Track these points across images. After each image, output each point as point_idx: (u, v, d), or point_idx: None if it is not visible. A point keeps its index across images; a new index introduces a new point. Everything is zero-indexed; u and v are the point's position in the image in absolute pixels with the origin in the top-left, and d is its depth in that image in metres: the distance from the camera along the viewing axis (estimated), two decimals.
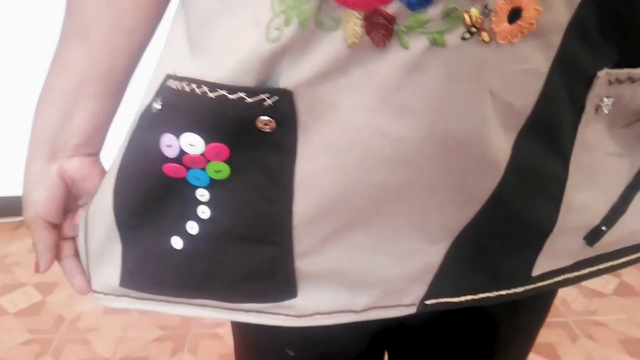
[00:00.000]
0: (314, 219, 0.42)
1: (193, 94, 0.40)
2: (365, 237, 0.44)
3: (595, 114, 0.42)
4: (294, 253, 0.44)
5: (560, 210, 0.46)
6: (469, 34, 0.34)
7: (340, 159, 0.39)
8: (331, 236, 0.43)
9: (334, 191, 0.40)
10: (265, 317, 0.48)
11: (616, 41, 0.39)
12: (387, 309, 0.49)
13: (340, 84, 0.37)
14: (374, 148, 0.38)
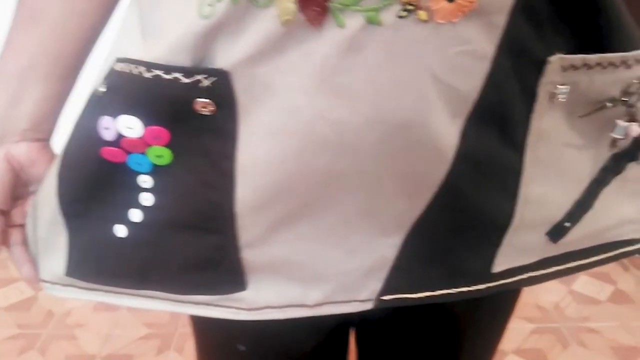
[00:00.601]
0: (258, 207, 0.41)
1: (131, 75, 0.39)
2: (314, 228, 0.42)
3: (551, 103, 0.40)
4: (239, 242, 0.42)
5: (517, 204, 0.44)
6: (405, 12, 0.33)
7: (281, 143, 0.38)
8: (277, 226, 0.42)
9: (276, 177, 0.39)
10: (214, 310, 0.47)
11: (569, 25, 0.38)
12: (342, 305, 0.47)
13: (278, 64, 0.35)
14: (315, 132, 0.37)
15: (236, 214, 0.41)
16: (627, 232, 0.53)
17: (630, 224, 0.53)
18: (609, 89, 0.41)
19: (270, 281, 0.45)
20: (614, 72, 0.40)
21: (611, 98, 0.41)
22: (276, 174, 0.39)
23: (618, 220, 0.51)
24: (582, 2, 0.37)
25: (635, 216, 0.52)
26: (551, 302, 1.65)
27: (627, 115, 0.43)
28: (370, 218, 0.42)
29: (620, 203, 0.50)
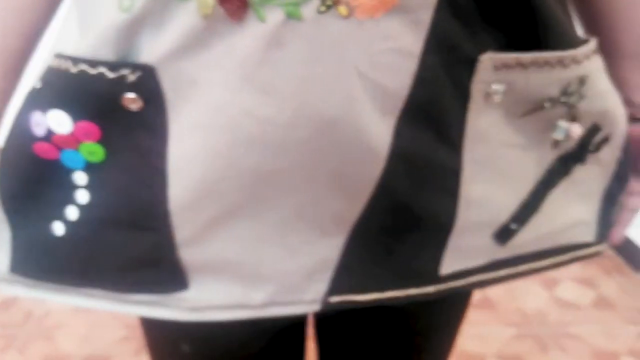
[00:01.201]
0: (191, 205, 0.40)
1: (60, 70, 0.38)
2: (251, 227, 0.42)
3: (486, 102, 0.40)
4: (176, 241, 0.42)
5: (459, 204, 0.43)
6: (325, 6, 0.32)
7: (209, 140, 0.37)
8: (213, 224, 0.41)
9: (207, 175, 0.38)
10: (156, 309, 0.46)
11: (500, 23, 0.37)
12: (288, 306, 0.46)
13: (202, 59, 0.35)
14: (242, 129, 0.36)
15: (170, 212, 0.40)
16: (580, 234, 0.53)
17: (582, 226, 0.52)
18: (546, 88, 0.40)
19: (213, 281, 0.44)
20: (550, 72, 0.40)
21: (550, 98, 0.41)
22: (206, 172, 0.38)
23: (569, 223, 0.51)
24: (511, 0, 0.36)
25: (587, 219, 0.52)
26: (533, 307, 1.64)
27: (568, 116, 0.42)
28: (309, 218, 0.42)
29: (570, 205, 0.50)
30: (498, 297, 1.67)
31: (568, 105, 0.42)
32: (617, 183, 0.51)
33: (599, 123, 0.45)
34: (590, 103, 0.43)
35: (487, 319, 1.60)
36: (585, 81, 0.41)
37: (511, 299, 1.67)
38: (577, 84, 0.41)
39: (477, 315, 1.61)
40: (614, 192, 0.52)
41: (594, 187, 0.50)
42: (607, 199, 0.52)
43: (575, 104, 0.42)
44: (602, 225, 0.53)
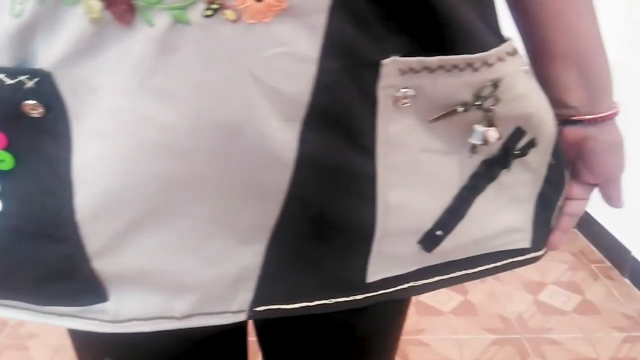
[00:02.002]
0: (98, 215, 0.39)
1: None
2: (165, 236, 0.41)
3: (396, 107, 0.39)
4: (87, 252, 0.41)
5: (378, 211, 0.43)
6: (211, 10, 0.32)
7: (111, 147, 0.37)
8: (125, 234, 0.40)
9: (112, 184, 0.38)
10: (79, 321, 0.45)
11: (403, 27, 0.37)
12: (213, 316, 0.46)
13: (97, 64, 0.35)
14: (143, 136, 0.36)
15: (78, 223, 0.40)
16: (514, 240, 0.52)
17: (516, 232, 0.51)
18: (458, 92, 0.40)
19: (133, 292, 0.44)
20: (460, 76, 0.39)
21: (462, 102, 0.40)
22: (110, 180, 0.38)
23: (501, 229, 0.50)
24: (412, 4, 0.36)
25: (520, 225, 0.51)
26: (515, 312, 1.63)
27: (485, 120, 0.42)
28: (224, 225, 0.41)
29: (500, 211, 0.49)
30: (480, 303, 1.67)
31: (483, 109, 0.41)
32: (551, 188, 0.51)
33: (522, 127, 0.45)
34: (508, 107, 0.42)
35: (467, 324, 1.59)
36: (499, 84, 0.40)
37: (493, 304, 1.66)
38: (490, 87, 0.40)
39: (457, 321, 1.60)
40: (549, 197, 0.51)
41: (526, 192, 0.50)
42: (542, 205, 0.51)
43: (492, 108, 0.41)
44: (539, 231, 0.53)
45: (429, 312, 1.64)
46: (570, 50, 0.47)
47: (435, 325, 1.59)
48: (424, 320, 1.61)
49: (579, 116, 0.49)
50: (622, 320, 1.62)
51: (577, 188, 0.53)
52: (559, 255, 1.95)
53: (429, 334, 1.55)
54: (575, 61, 0.47)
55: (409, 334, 1.54)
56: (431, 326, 1.58)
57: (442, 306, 1.66)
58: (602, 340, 1.53)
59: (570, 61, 0.47)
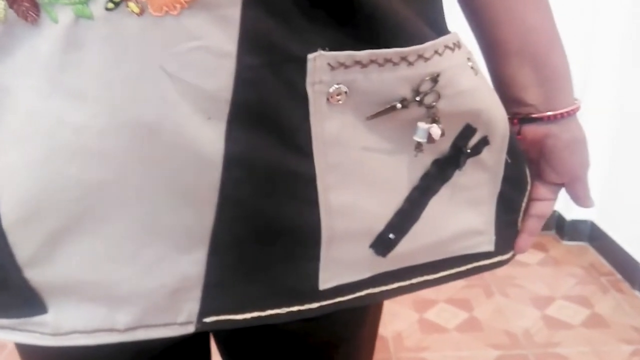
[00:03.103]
0: (24, 221, 0.38)
1: None
2: (94, 243, 0.40)
3: (330, 105, 0.38)
4: (17, 261, 0.40)
5: (321, 213, 0.41)
6: (113, 4, 0.31)
7: (28, 149, 0.36)
8: (53, 242, 0.39)
9: (34, 188, 0.37)
10: (18, 334, 0.44)
11: (325, 19, 0.35)
12: (158, 328, 0.44)
13: (8, 65, 0.34)
14: (58, 137, 0.35)
15: (5, 230, 0.39)
16: (476, 244, 0.50)
17: (477, 235, 0.49)
18: (394, 88, 0.38)
19: (72, 304, 0.42)
20: (394, 70, 0.37)
21: (401, 98, 0.39)
22: (31, 185, 0.37)
23: (459, 231, 0.48)
24: None
25: (481, 227, 0.49)
26: (521, 328, 1.59)
27: (428, 117, 0.40)
28: (156, 232, 0.40)
29: (457, 212, 0.47)
30: (486, 319, 1.62)
31: (425, 106, 0.40)
32: (511, 188, 0.49)
33: (472, 124, 0.43)
34: (452, 103, 0.40)
35: (472, 341, 1.55)
36: (438, 79, 0.39)
37: (499, 319, 1.62)
38: (429, 82, 0.39)
39: (462, 338, 1.56)
40: (510, 197, 0.49)
41: (483, 193, 0.48)
42: (504, 206, 0.49)
43: (433, 104, 0.40)
44: (503, 234, 0.51)
45: (433, 330, 1.60)
46: (524, 47, 0.45)
47: (439, 342, 1.55)
48: (428, 338, 1.57)
49: (538, 114, 0.47)
50: (631, 333, 1.56)
51: (542, 188, 0.51)
52: (569, 269, 1.90)
53: (432, 351, 1.51)
54: (529, 58, 0.46)
55: (411, 352, 1.50)
56: (435, 344, 1.54)
57: (447, 323, 1.62)
58: (610, 353, 1.48)
59: (524, 58, 0.46)
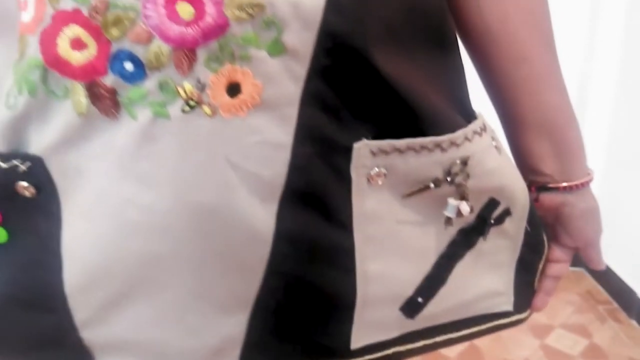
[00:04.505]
0: (85, 288, 0.41)
1: None
2: (148, 308, 0.43)
3: (370, 185, 0.41)
4: (75, 322, 0.43)
5: (357, 281, 0.44)
6: (189, 106, 0.34)
7: (95, 225, 0.39)
8: (110, 306, 0.42)
9: (97, 259, 0.40)
10: None
11: (369, 114, 0.39)
12: None
13: (85, 151, 0.37)
14: (125, 215, 0.38)
15: (67, 295, 0.42)
16: (497, 304, 0.53)
17: (497, 296, 0.52)
18: (428, 170, 0.42)
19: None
20: (429, 155, 0.41)
21: (434, 178, 0.42)
22: (95, 256, 0.40)
23: (482, 293, 0.51)
24: (380, 94, 0.38)
25: (501, 288, 0.52)
26: (521, 357, 1.61)
27: (457, 194, 0.44)
28: (206, 298, 0.43)
29: (480, 276, 0.50)
30: (486, 347, 1.65)
31: (455, 184, 0.43)
32: (530, 252, 0.52)
33: (496, 197, 0.46)
34: (479, 181, 0.44)
35: None
36: (468, 162, 0.42)
37: (500, 349, 1.65)
38: (460, 164, 0.42)
39: None
40: (529, 261, 0.53)
41: (504, 257, 0.51)
42: (523, 268, 0.53)
43: (463, 183, 0.43)
44: (521, 294, 0.54)
45: (435, 358, 1.62)
46: (542, 123, 0.49)
47: None
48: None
49: (554, 184, 0.51)
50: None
51: (558, 251, 0.54)
52: (566, 296, 1.93)
53: None
54: (547, 133, 0.49)
55: None
56: None
57: (448, 352, 1.65)
58: None
59: (542, 133, 0.49)
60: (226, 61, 0.34)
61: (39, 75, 0.35)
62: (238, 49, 0.34)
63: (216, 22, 0.33)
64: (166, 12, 0.32)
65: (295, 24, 0.34)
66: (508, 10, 0.46)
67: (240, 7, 0.33)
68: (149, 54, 0.33)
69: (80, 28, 0.33)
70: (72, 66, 0.34)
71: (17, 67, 0.36)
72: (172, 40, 0.33)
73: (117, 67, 0.34)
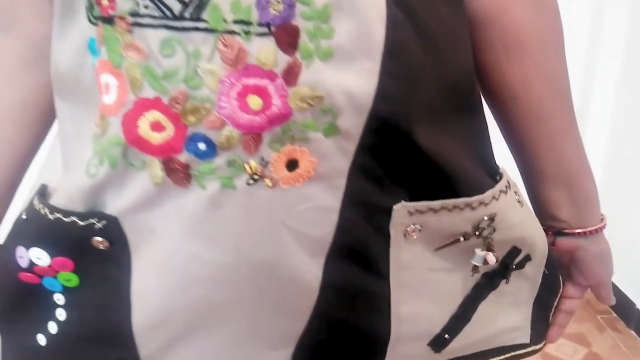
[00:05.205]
0: (151, 328, 0.46)
1: (39, 213, 0.45)
2: (206, 345, 0.47)
3: (406, 239, 0.46)
4: (140, 356, 0.47)
5: (392, 321, 0.49)
6: (253, 180, 0.39)
7: (164, 276, 0.43)
8: (172, 343, 0.47)
9: (164, 304, 0.44)
10: None
11: (408, 180, 0.43)
12: None
13: (157, 213, 0.41)
14: (190, 269, 0.43)
15: (134, 333, 0.46)
16: (515, 337, 0.58)
17: (516, 331, 0.57)
18: (460, 226, 0.46)
19: None
20: (460, 214, 0.46)
21: (464, 233, 0.47)
22: (162, 302, 0.44)
23: (502, 328, 0.56)
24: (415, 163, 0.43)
25: (519, 324, 0.57)
26: None
27: (484, 245, 0.48)
28: (257, 336, 0.47)
29: (501, 313, 0.55)
30: None
31: (483, 237, 0.48)
32: (546, 292, 0.57)
33: (518, 246, 0.51)
34: (504, 234, 0.48)
35: None
36: (495, 218, 0.47)
37: None
38: (488, 220, 0.47)
39: None
40: (545, 299, 0.57)
41: (524, 297, 0.56)
42: (539, 306, 0.57)
43: (489, 236, 0.48)
44: (537, 328, 0.58)
45: None
46: (560, 175, 0.53)
47: None
48: None
49: (570, 229, 0.55)
50: None
51: (571, 288, 0.59)
52: None
53: None
54: (564, 184, 0.54)
55: None
56: None
57: None
58: None
59: (560, 184, 0.54)
60: (287, 142, 0.38)
61: (120, 151, 0.39)
62: (298, 132, 0.38)
63: (281, 112, 0.37)
64: (238, 104, 0.37)
65: (348, 111, 0.39)
66: (530, 74, 0.50)
67: (302, 99, 0.37)
68: (221, 137, 0.38)
69: (160, 113, 0.37)
70: (151, 145, 0.38)
71: (98, 142, 0.40)
72: (242, 127, 0.37)
73: (191, 147, 0.38)
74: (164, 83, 0.36)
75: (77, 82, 0.42)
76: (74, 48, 0.41)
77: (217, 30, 0.36)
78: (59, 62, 0.44)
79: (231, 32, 0.35)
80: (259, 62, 0.36)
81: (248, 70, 0.36)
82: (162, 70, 0.36)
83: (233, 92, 0.36)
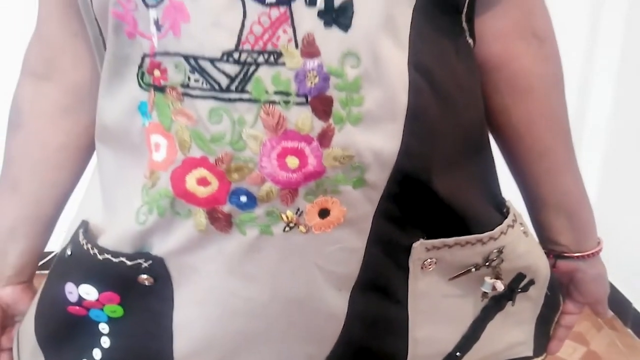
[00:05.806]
0: (192, 355, 0.50)
1: (88, 253, 0.49)
2: None
3: (423, 272, 0.50)
4: None
5: (409, 344, 0.54)
6: (289, 227, 0.43)
7: (205, 311, 0.48)
8: None
9: (204, 335, 0.49)
10: None
11: (424, 222, 0.48)
12: None
13: (200, 255, 0.46)
14: (230, 304, 0.47)
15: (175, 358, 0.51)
16: (519, 351, 0.63)
17: (520, 345, 0.62)
18: (471, 259, 0.51)
19: None
20: (472, 248, 0.50)
21: (475, 264, 0.52)
22: (203, 333, 0.49)
23: (507, 344, 0.61)
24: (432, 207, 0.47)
25: (523, 339, 0.62)
26: None
27: (493, 274, 0.53)
28: (287, 358, 0.52)
29: (506, 331, 0.60)
30: None
31: (492, 267, 0.52)
32: (548, 310, 0.62)
33: (523, 272, 0.56)
34: (511, 263, 0.53)
35: None
36: (503, 250, 0.52)
37: None
38: (497, 252, 0.52)
39: None
40: (547, 316, 0.63)
41: (527, 316, 0.61)
42: (541, 322, 0.62)
43: (498, 265, 0.53)
44: (539, 341, 0.64)
45: None
46: (560, 204, 0.58)
47: None
48: None
49: (569, 253, 0.60)
50: None
51: (570, 305, 0.64)
52: None
53: None
54: (564, 212, 0.58)
55: None
56: None
57: None
58: None
59: (560, 212, 0.59)
60: (320, 194, 0.43)
61: (168, 202, 0.44)
62: (330, 186, 0.43)
63: (315, 170, 0.42)
64: (278, 164, 0.41)
65: (375, 166, 0.43)
66: (534, 115, 0.55)
67: (335, 159, 0.42)
68: (262, 192, 0.42)
69: (206, 171, 0.42)
70: (197, 197, 0.43)
71: (148, 192, 0.45)
72: (280, 183, 0.42)
73: (234, 199, 0.43)
74: (211, 145, 0.41)
75: (124, 136, 0.47)
76: (122, 108, 0.46)
77: (259, 101, 0.40)
78: (105, 117, 0.48)
79: (272, 102, 0.40)
80: (297, 128, 0.40)
81: (287, 135, 0.40)
82: (209, 134, 0.41)
83: (273, 153, 0.41)
